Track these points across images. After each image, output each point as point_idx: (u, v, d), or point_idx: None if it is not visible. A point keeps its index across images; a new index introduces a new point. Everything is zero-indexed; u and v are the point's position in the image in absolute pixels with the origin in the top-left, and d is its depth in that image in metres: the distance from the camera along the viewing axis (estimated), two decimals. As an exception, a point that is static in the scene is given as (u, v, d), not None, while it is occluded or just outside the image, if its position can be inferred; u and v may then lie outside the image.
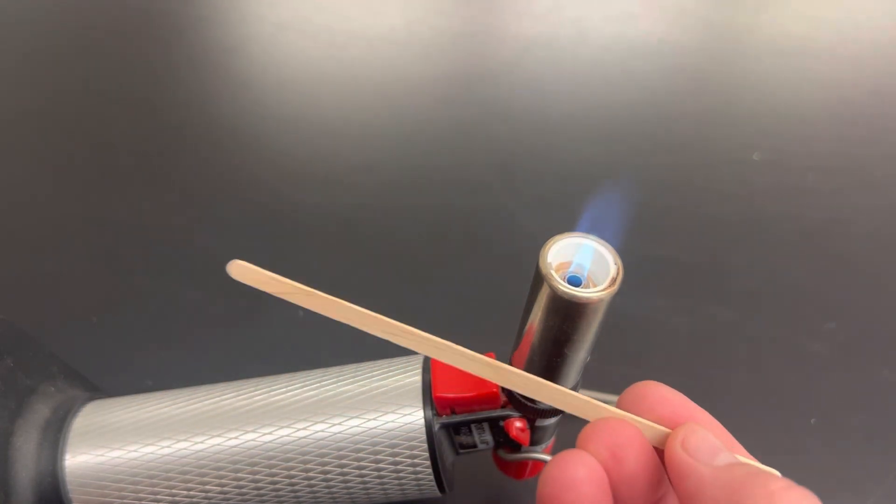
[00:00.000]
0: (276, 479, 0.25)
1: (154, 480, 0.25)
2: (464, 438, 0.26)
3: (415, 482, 0.25)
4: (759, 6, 0.70)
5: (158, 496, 0.26)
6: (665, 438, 0.19)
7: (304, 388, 0.26)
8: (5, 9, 0.64)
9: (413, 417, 0.24)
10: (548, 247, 0.20)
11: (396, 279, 0.42)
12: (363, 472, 0.25)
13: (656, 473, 0.19)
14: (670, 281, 0.42)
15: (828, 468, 0.34)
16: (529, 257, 0.21)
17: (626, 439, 0.19)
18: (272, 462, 0.25)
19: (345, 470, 0.25)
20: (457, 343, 0.19)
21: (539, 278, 0.20)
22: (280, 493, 0.25)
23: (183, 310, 0.40)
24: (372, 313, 0.19)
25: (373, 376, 0.26)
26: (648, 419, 0.19)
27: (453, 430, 0.25)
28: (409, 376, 0.25)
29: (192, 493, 0.25)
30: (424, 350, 0.19)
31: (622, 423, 0.19)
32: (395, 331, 0.19)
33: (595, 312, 0.20)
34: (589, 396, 0.35)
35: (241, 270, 0.19)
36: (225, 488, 0.25)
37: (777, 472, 0.17)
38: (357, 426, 0.24)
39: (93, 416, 0.27)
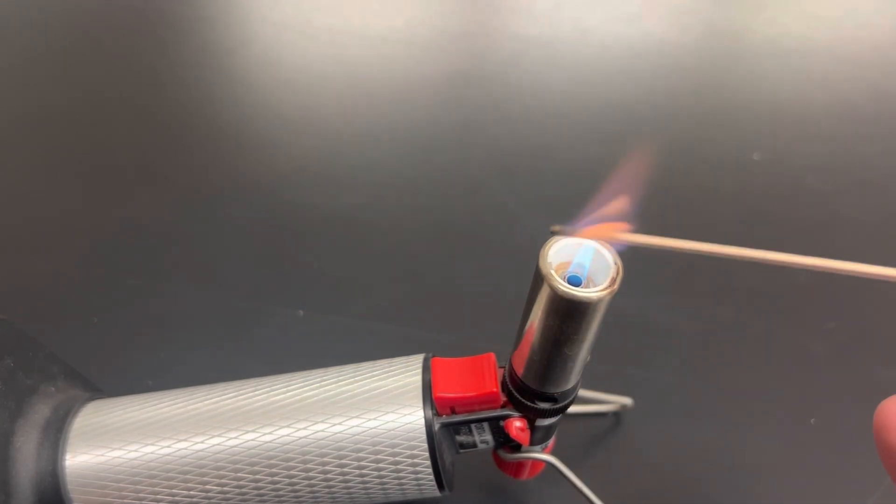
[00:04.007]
0: (276, 478, 0.25)
1: (154, 480, 0.25)
2: (464, 438, 0.26)
3: (415, 482, 0.25)
4: (759, 6, 0.70)
5: (159, 496, 0.26)
6: None
7: (304, 388, 0.26)
8: (4, 8, 0.64)
9: (413, 417, 0.24)
10: (548, 247, 0.20)
11: (396, 279, 0.42)
12: (363, 471, 0.25)
13: None
14: (670, 280, 0.42)
15: (828, 468, 0.34)
16: (529, 257, 0.21)
17: None
18: (272, 462, 0.25)
19: (345, 470, 0.25)
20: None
21: (539, 278, 0.20)
22: (280, 493, 0.25)
23: (183, 310, 0.40)
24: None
25: (373, 376, 0.26)
26: None
27: (453, 429, 0.25)
28: (409, 376, 0.25)
29: (192, 493, 0.25)
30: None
31: None
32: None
33: (595, 312, 0.20)
34: (588, 397, 0.35)
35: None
36: (225, 488, 0.25)
37: None
38: (357, 426, 0.24)
39: (93, 416, 0.27)
